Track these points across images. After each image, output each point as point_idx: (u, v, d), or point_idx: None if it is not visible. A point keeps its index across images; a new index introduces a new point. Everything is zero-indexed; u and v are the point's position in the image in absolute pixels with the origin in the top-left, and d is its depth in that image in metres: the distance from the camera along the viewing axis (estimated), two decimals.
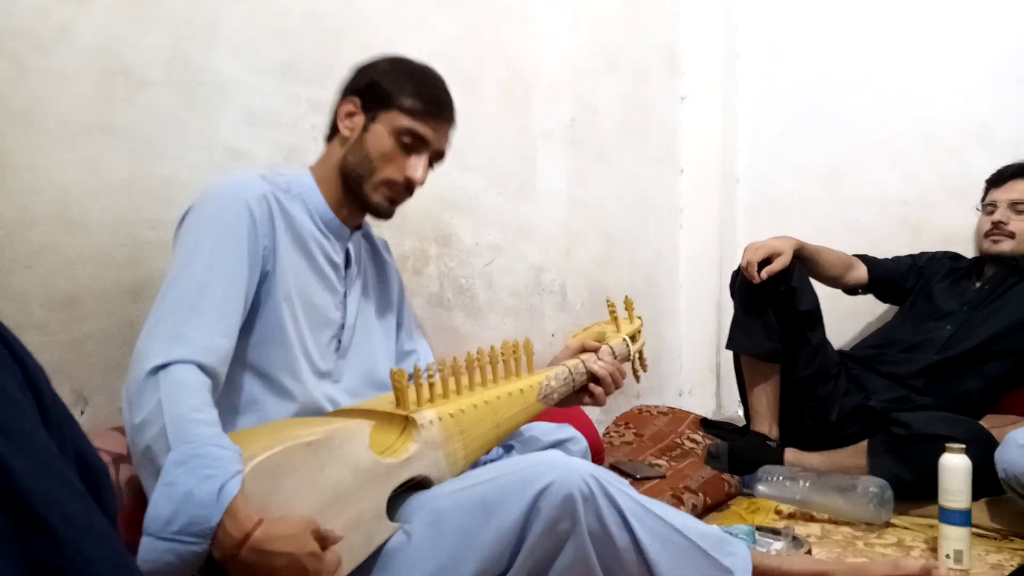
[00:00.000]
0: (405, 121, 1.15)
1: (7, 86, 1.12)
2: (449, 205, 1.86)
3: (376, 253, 1.32)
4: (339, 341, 1.19)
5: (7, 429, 0.57)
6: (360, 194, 1.17)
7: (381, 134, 1.15)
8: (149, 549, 0.79)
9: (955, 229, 2.35)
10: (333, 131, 1.21)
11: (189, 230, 1.04)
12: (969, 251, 2.27)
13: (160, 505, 0.80)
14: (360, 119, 1.16)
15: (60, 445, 0.62)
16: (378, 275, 1.31)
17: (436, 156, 1.20)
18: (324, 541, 0.86)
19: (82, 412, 1.18)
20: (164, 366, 0.91)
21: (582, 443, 1.32)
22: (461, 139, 1.91)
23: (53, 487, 0.58)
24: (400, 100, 1.15)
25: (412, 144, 1.16)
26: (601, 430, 2.22)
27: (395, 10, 1.72)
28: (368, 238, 1.31)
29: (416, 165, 1.16)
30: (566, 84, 2.23)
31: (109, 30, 1.23)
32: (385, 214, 1.20)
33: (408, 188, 1.18)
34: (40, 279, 1.14)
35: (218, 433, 0.87)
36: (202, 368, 0.94)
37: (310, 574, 0.83)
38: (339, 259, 1.20)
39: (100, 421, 1.19)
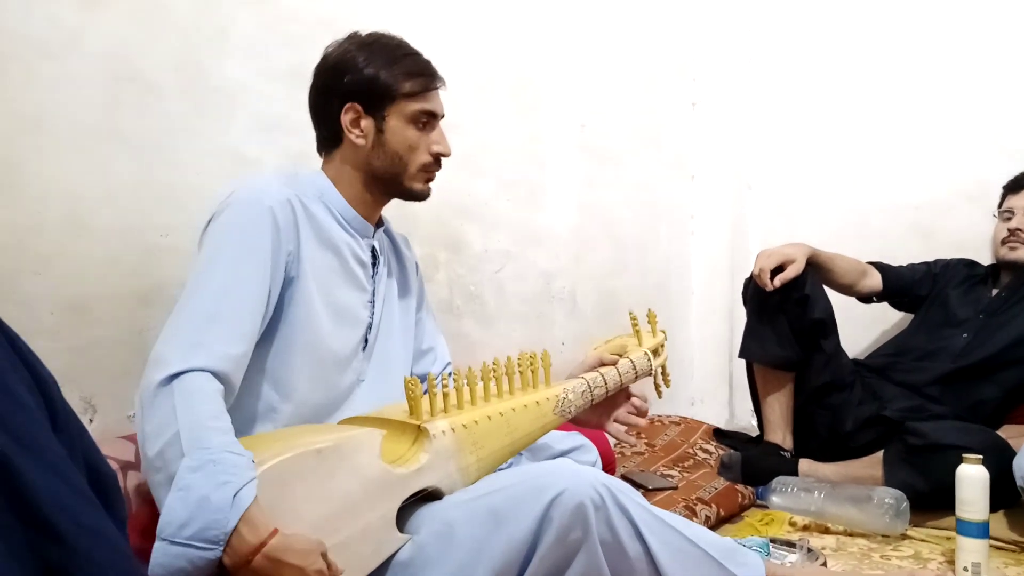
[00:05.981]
0: (415, 106, 1.15)
1: (18, 92, 1.12)
2: (459, 211, 1.86)
3: (398, 250, 1.32)
4: (366, 340, 1.19)
5: (18, 434, 0.56)
6: (399, 188, 1.19)
7: (399, 128, 1.15)
8: (161, 553, 0.78)
9: (968, 235, 2.32)
10: (333, 137, 1.17)
11: (212, 237, 1.04)
12: (981, 257, 2.24)
13: (174, 510, 0.79)
14: (368, 123, 1.15)
15: (70, 451, 0.62)
16: (400, 272, 1.31)
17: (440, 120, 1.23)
18: (329, 567, 0.85)
19: (91, 420, 1.18)
20: (179, 374, 0.90)
21: (593, 452, 1.31)
22: (472, 145, 1.93)
23: (63, 492, 0.58)
24: (400, 88, 1.14)
25: (428, 122, 1.17)
26: (612, 440, 2.20)
27: (406, 16, 1.72)
28: (389, 235, 1.30)
29: (440, 140, 1.19)
30: (577, 90, 2.23)
31: (119, 37, 1.23)
32: (426, 196, 1.22)
33: (439, 162, 1.20)
34: (49, 285, 1.14)
35: (232, 440, 0.87)
36: (217, 376, 0.94)
37: None
38: (366, 257, 1.20)
39: (109, 428, 1.19)
